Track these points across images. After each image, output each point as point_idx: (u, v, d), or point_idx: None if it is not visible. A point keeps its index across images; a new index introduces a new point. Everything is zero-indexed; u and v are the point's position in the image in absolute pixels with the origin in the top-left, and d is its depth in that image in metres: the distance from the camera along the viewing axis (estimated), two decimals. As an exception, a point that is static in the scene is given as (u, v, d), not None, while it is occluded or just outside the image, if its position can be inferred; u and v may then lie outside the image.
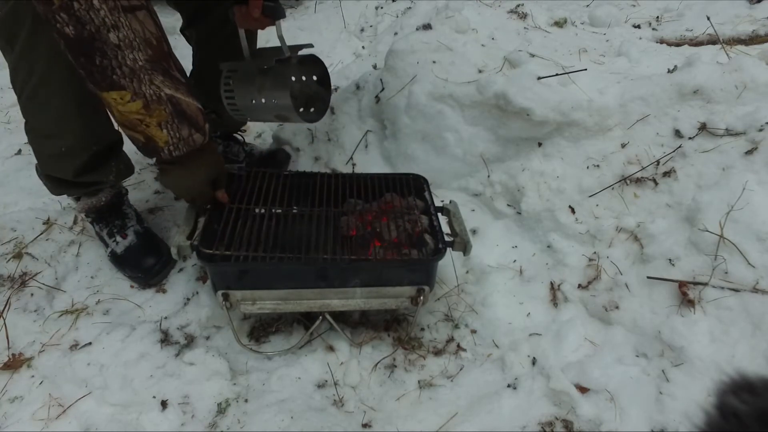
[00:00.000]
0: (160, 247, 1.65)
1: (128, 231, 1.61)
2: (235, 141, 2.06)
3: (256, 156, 2.06)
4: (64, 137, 1.40)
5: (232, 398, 1.32)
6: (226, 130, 2.04)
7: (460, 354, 1.43)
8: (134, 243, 1.60)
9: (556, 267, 1.59)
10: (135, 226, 1.64)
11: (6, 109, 2.56)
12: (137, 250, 1.60)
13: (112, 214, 1.63)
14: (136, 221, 1.66)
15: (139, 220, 1.68)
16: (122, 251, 1.60)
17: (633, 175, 1.61)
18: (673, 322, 1.33)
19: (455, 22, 2.01)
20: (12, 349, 1.40)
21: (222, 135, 2.04)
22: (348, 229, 1.46)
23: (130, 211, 1.67)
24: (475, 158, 1.81)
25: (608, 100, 1.69)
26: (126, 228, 1.61)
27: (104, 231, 1.62)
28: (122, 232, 1.60)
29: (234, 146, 2.04)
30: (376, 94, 1.97)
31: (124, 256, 1.60)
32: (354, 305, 1.39)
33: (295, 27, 3.25)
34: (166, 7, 1.73)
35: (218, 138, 2.03)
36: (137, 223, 1.65)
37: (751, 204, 1.38)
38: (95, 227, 1.65)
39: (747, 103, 1.59)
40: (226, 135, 2.05)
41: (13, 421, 1.24)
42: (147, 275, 1.57)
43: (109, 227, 1.62)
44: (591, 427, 1.23)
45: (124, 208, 1.66)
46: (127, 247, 1.60)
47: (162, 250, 1.63)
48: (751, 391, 0.63)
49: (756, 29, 2.41)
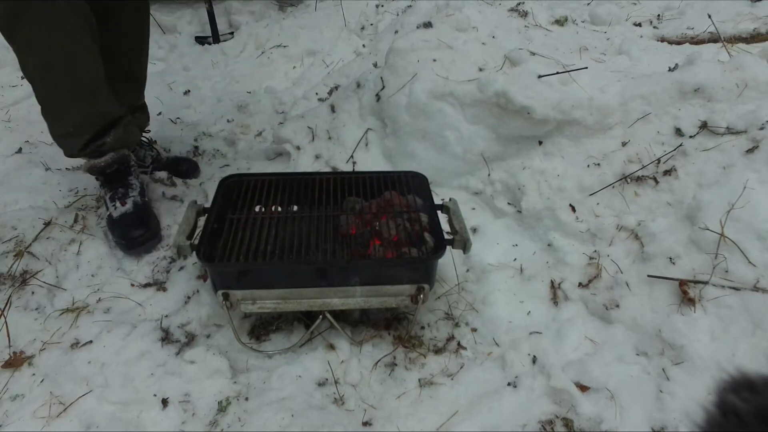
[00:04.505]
0: (151, 222, 1.73)
1: (128, 200, 1.73)
2: (141, 145, 2.06)
3: (163, 161, 2.09)
4: (71, 119, 1.58)
5: (232, 396, 1.32)
6: None
7: (460, 352, 1.43)
8: (129, 212, 1.71)
9: (557, 265, 1.59)
10: (136, 197, 1.75)
11: (7, 107, 2.57)
12: (130, 218, 1.70)
13: (118, 181, 1.75)
14: (138, 193, 1.76)
15: (142, 193, 1.79)
16: (117, 216, 1.71)
17: (634, 173, 1.61)
18: (674, 321, 1.33)
19: (456, 20, 2.01)
20: (13, 348, 1.40)
21: None
22: (348, 228, 1.46)
23: (135, 183, 1.79)
24: (476, 156, 1.81)
25: (609, 98, 1.69)
26: (127, 197, 1.73)
27: (108, 195, 1.75)
28: (123, 200, 1.72)
29: (140, 150, 2.05)
30: (377, 93, 1.97)
31: (117, 221, 1.70)
32: (354, 304, 1.39)
33: (295, 25, 3.25)
34: (166, 7, 1.73)
35: None
36: (139, 195, 1.76)
37: (752, 202, 1.38)
38: (101, 190, 1.79)
39: (748, 102, 1.59)
40: None
41: (14, 419, 1.25)
42: (130, 244, 1.67)
43: (112, 192, 1.74)
44: (591, 425, 1.23)
45: (130, 179, 1.78)
46: (123, 214, 1.70)
47: (151, 225, 1.72)
48: (751, 390, 0.63)
49: (757, 27, 2.41)
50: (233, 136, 2.36)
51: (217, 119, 2.49)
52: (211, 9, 3.19)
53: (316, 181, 1.60)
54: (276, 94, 2.64)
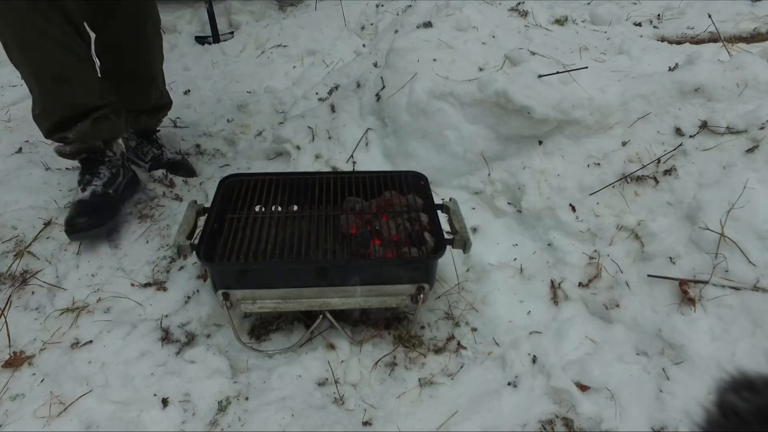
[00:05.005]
0: (101, 213, 1.73)
1: (88, 188, 1.75)
2: (149, 141, 2.13)
3: (163, 161, 2.11)
4: (36, 102, 1.65)
5: (232, 396, 1.32)
6: (142, 128, 2.11)
7: (460, 352, 1.43)
8: (85, 199, 1.73)
9: (557, 265, 1.59)
10: (97, 187, 1.76)
11: (6, 107, 2.57)
12: (82, 206, 1.72)
13: (87, 168, 1.80)
14: (102, 184, 1.77)
15: (108, 184, 1.78)
16: (75, 200, 1.75)
17: (634, 173, 1.61)
18: (674, 321, 1.33)
19: (456, 20, 2.01)
20: (13, 347, 1.41)
21: (137, 132, 2.12)
22: (348, 228, 1.46)
23: (105, 173, 1.79)
24: (476, 156, 1.81)
25: (609, 98, 1.69)
26: (89, 184, 1.76)
27: (78, 178, 1.80)
28: (84, 186, 1.76)
29: (146, 146, 2.11)
30: (377, 92, 1.97)
31: (73, 205, 1.74)
32: (354, 303, 1.39)
33: (295, 25, 3.25)
34: (166, 6, 1.74)
35: (133, 134, 2.12)
36: (102, 185, 1.77)
37: (752, 202, 1.38)
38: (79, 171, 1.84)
39: (748, 101, 1.59)
40: (142, 133, 2.13)
41: (14, 419, 1.25)
42: (70, 229, 1.67)
43: (81, 176, 1.80)
44: (591, 425, 1.23)
45: (100, 168, 1.79)
46: (79, 200, 1.73)
47: (99, 217, 1.72)
48: (751, 389, 0.63)
49: (757, 27, 2.41)
50: (233, 135, 2.36)
51: (217, 119, 2.49)
52: (211, 9, 3.19)
53: (316, 181, 1.60)
54: (276, 94, 2.64)
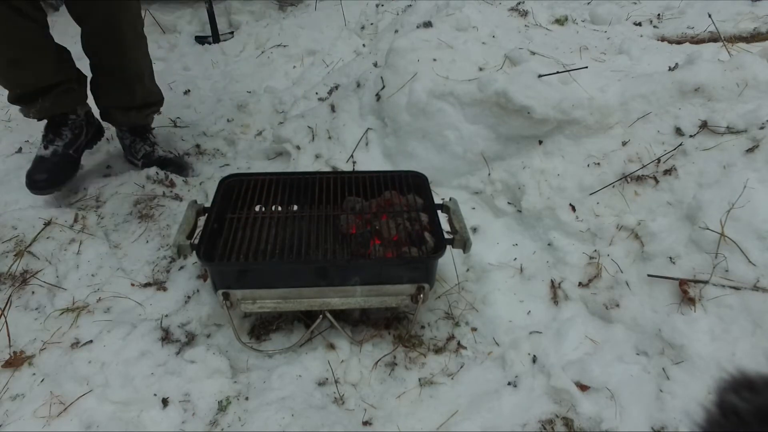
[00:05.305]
0: (61, 172, 1.84)
1: (51, 146, 1.86)
2: (142, 139, 2.13)
3: (154, 158, 2.12)
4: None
5: (232, 396, 1.32)
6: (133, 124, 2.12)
7: (460, 352, 1.43)
8: (46, 156, 1.84)
9: (557, 265, 1.59)
10: (58, 147, 1.86)
11: (6, 107, 2.56)
12: (42, 162, 1.83)
13: (52, 127, 1.89)
14: (63, 144, 1.87)
15: (69, 145, 1.89)
16: (36, 157, 1.85)
17: (634, 173, 1.61)
18: (674, 320, 1.33)
19: (456, 19, 2.01)
20: (13, 347, 1.41)
21: (130, 129, 2.12)
22: (348, 228, 1.46)
23: (67, 133, 1.90)
24: (476, 156, 1.80)
25: (609, 98, 1.69)
26: (52, 143, 1.87)
27: (42, 133, 1.91)
28: (46, 144, 1.87)
29: (138, 143, 2.12)
30: (377, 92, 1.97)
31: (34, 161, 1.85)
32: (354, 303, 1.39)
33: (295, 25, 3.24)
34: (166, 6, 1.74)
35: (126, 132, 2.12)
36: (63, 146, 1.87)
37: (752, 202, 1.38)
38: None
39: (748, 101, 1.59)
40: (134, 131, 2.13)
41: (14, 419, 1.25)
42: (31, 186, 1.80)
43: (45, 133, 1.90)
44: (591, 424, 1.23)
45: (63, 129, 1.89)
46: (41, 156, 1.85)
47: (59, 175, 1.83)
48: (751, 389, 0.63)
49: (757, 27, 2.41)
50: (233, 135, 2.36)
51: (217, 119, 2.49)
52: (211, 9, 3.19)
53: (316, 181, 1.60)
54: (276, 94, 2.64)
